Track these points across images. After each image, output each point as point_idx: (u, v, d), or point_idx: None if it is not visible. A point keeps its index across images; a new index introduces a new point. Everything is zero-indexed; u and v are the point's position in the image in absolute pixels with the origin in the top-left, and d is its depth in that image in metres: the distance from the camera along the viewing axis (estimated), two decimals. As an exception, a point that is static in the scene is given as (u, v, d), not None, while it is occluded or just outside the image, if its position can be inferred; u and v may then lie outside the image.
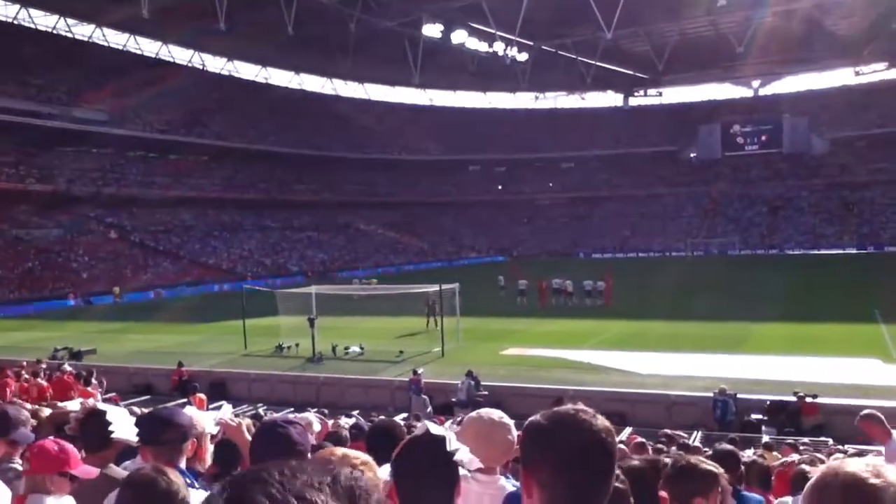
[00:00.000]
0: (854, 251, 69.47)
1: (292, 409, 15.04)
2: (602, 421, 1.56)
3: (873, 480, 1.23)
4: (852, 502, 1.23)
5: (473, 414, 3.02)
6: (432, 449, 1.94)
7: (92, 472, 3.09)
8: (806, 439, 13.26)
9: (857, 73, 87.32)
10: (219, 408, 4.38)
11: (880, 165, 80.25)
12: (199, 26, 64.44)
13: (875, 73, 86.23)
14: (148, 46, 74.28)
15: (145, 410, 5.42)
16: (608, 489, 1.51)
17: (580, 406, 1.60)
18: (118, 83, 65.46)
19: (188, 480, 2.82)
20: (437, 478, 1.86)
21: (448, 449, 1.93)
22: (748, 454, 8.92)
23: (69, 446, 3.11)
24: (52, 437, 3.25)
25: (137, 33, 71.00)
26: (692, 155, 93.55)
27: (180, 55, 77.79)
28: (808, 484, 1.33)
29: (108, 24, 68.27)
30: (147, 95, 67.35)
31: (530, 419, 1.60)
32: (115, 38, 71.36)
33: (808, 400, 15.50)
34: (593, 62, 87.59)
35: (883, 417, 6.08)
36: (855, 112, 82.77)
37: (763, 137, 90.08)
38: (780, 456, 9.19)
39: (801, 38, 77.78)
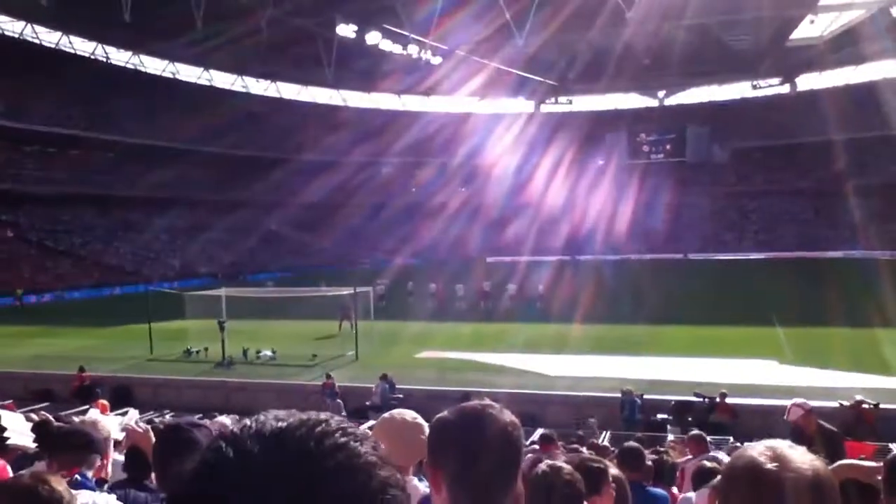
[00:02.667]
0: (752, 256, 72.75)
1: (200, 414, 14.66)
2: (508, 415, 1.58)
3: (770, 465, 1.25)
4: (754, 489, 1.25)
5: (386, 415, 3.03)
6: None
7: None
8: (710, 438, 13.77)
9: (755, 87, 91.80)
10: (124, 414, 4.24)
11: (777, 175, 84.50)
12: (102, 17, 61.97)
13: (771, 87, 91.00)
14: (48, 36, 70.77)
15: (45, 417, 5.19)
16: (514, 482, 1.53)
17: (486, 401, 1.63)
18: (15, 74, 62.23)
19: (87, 484, 2.71)
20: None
21: None
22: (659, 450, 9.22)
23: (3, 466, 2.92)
24: None
25: (35, 21, 67.57)
26: (600, 162, 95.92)
27: (82, 47, 74.51)
28: (722, 470, 1.37)
29: (4, 10, 64.72)
30: (46, 88, 64.29)
31: (438, 415, 1.63)
32: (11, 26, 67.68)
33: (728, 401, 16.16)
34: (506, 68, 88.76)
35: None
36: (753, 124, 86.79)
37: (667, 146, 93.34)
38: (685, 453, 9.53)
39: (704, 52, 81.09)
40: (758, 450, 1.29)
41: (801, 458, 1.27)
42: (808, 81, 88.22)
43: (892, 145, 73.26)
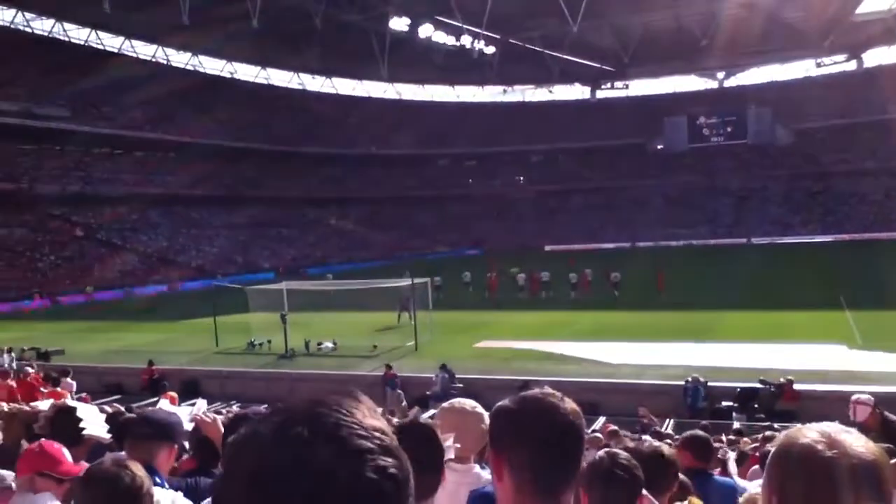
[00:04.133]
0: (819, 239, 70.65)
1: (266, 405, 14.95)
2: (570, 403, 1.58)
3: (828, 453, 1.22)
4: (809, 476, 1.22)
5: (446, 404, 3.04)
6: (423, 434, 1.99)
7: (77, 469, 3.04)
8: (776, 425, 13.48)
9: (819, 65, 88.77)
10: (193, 404, 4.35)
11: (843, 155, 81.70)
12: (162, 20, 63.49)
13: (835, 64, 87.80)
14: (110, 41, 72.90)
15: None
16: (576, 470, 1.54)
17: (547, 389, 1.63)
18: (80, 79, 64.27)
19: (157, 480, 2.79)
20: (427, 462, 1.90)
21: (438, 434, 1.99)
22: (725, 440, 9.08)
23: (55, 448, 3.03)
24: (43, 440, 3.15)
25: (99, 28, 69.66)
26: (659, 147, 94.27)
27: (143, 50, 76.55)
28: (770, 455, 1.33)
29: (69, 18, 66.92)
30: (110, 91, 66.26)
31: (498, 404, 1.63)
32: (77, 34, 69.98)
33: (795, 387, 15.78)
34: (560, 55, 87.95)
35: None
36: (818, 103, 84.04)
37: (728, 128, 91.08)
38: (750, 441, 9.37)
39: (764, 30, 78.79)
40: (812, 436, 1.26)
41: (857, 442, 1.24)
42: (876, 57, 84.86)
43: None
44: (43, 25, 67.27)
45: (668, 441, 7.94)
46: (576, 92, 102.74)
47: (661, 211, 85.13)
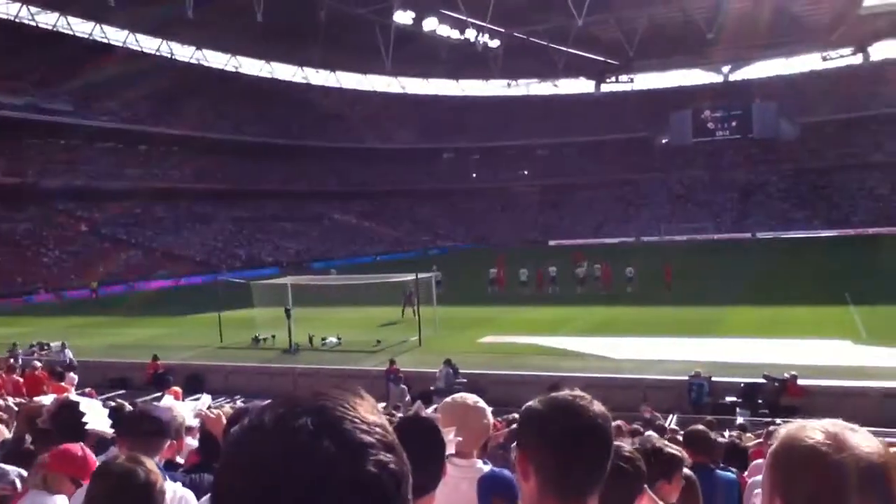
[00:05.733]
0: (824, 234, 70.45)
1: (270, 400, 14.97)
2: (598, 406, 1.59)
3: (836, 456, 1.19)
4: (816, 479, 1.18)
5: (448, 399, 3.06)
6: (425, 428, 2.00)
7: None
8: (780, 421, 13.47)
9: (825, 59, 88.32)
10: (197, 400, 4.36)
11: (848, 150, 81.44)
12: (166, 14, 63.47)
13: (842, 58, 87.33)
14: (114, 35, 72.88)
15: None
16: (603, 473, 1.54)
17: (577, 391, 1.63)
18: (84, 73, 64.28)
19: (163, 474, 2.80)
20: (428, 456, 1.91)
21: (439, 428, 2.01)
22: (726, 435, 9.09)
23: (92, 458, 3.03)
24: (80, 444, 3.15)
25: (103, 21, 69.62)
26: (664, 141, 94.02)
27: (147, 44, 76.50)
28: (772, 453, 1.29)
29: (73, 12, 66.91)
30: (114, 85, 66.26)
31: (527, 404, 1.63)
32: (81, 27, 69.95)
33: (799, 382, 15.76)
34: (565, 49, 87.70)
35: None
36: (823, 97, 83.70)
37: (733, 123, 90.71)
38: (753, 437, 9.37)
39: (770, 23, 78.39)
40: (817, 437, 1.23)
41: (864, 442, 1.21)
42: (883, 51, 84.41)
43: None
44: (47, 19, 67.20)
45: (672, 436, 7.95)
46: (581, 86, 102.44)
47: (665, 206, 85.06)
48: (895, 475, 1.18)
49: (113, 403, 6.42)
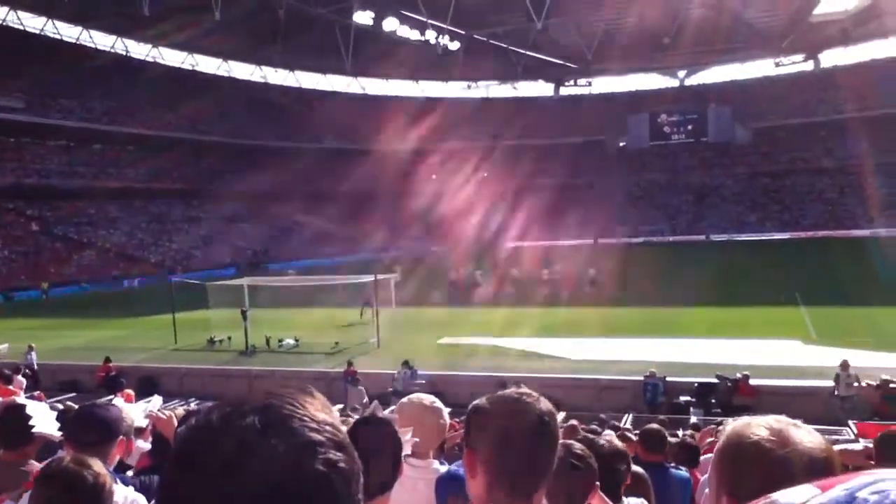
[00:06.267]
0: (776, 237, 71.96)
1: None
2: (545, 403, 1.59)
3: (780, 451, 1.22)
4: (762, 475, 1.20)
5: (405, 400, 3.05)
6: (381, 428, 1.99)
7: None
8: (731, 419, 13.70)
9: (778, 65, 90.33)
10: (149, 401, 4.29)
11: (800, 154, 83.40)
12: (121, 10, 62.32)
13: (794, 64, 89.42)
14: (67, 31, 71.29)
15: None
16: (550, 469, 1.55)
17: (524, 389, 1.63)
18: (37, 70, 62.79)
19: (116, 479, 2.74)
20: (384, 456, 1.90)
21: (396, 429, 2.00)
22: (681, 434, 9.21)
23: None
24: None
25: (55, 17, 68.07)
26: (621, 144, 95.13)
27: (102, 41, 74.98)
28: (718, 449, 1.32)
29: (24, 6, 65.23)
30: (68, 83, 64.84)
31: (475, 402, 1.64)
32: (32, 23, 68.23)
33: (751, 382, 16.07)
34: (524, 52, 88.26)
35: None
36: (776, 102, 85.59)
37: (689, 127, 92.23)
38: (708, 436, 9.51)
39: (725, 29, 79.97)
40: (761, 434, 1.26)
41: (807, 437, 1.25)
42: (833, 58, 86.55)
43: (921, 121, 71.94)
44: (-4, 14, 65.58)
45: (627, 435, 8.03)
46: (540, 89, 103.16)
47: (623, 208, 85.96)
48: (838, 469, 1.21)
49: (61, 406, 6.28)
